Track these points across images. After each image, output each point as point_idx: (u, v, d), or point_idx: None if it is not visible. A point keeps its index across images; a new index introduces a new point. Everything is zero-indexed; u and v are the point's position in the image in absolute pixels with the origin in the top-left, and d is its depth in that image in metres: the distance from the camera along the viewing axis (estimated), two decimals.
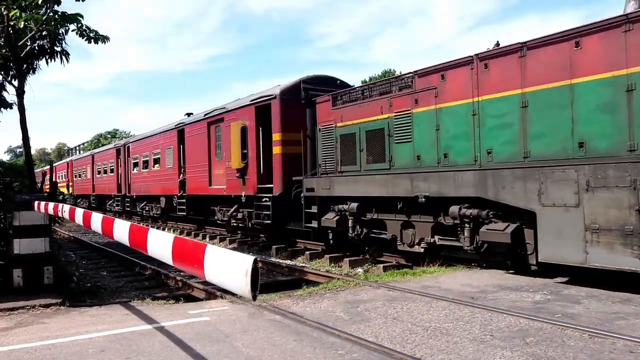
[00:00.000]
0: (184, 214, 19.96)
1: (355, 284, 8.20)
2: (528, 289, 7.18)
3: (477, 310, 6.07)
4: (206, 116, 18.10)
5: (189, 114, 21.18)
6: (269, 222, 14.24)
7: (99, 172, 32.89)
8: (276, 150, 14.08)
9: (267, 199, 14.23)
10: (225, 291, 6.96)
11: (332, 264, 11.85)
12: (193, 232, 19.96)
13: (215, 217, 17.66)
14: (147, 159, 24.18)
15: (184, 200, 19.83)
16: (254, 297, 2.60)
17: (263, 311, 6.50)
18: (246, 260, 2.60)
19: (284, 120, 13.90)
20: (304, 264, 12.17)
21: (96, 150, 36.33)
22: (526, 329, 5.30)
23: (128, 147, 27.06)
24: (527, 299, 6.63)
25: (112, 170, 29.89)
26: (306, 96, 13.17)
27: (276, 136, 14.09)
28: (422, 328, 5.48)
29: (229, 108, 16.63)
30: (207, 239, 17.80)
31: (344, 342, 5.12)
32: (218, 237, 17.71)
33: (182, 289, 9.76)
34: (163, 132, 22.55)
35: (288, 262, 12.47)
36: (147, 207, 24.99)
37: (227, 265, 2.76)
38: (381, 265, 10.57)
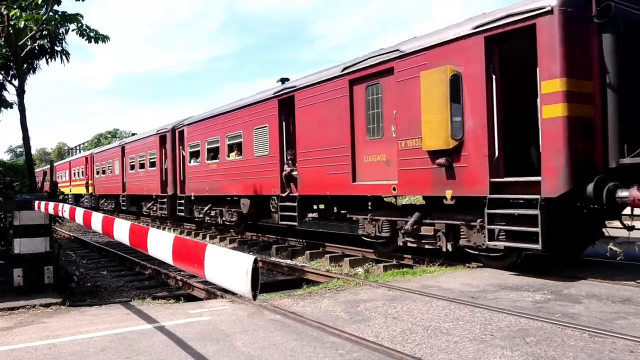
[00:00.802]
0: (294, 223, 13.32)
1: (356, 283, 8.20)
2: (528, 288, 7.18)
3: (477, 310, 6.07)
4: (347, 70, 11.29)
5: (283, 80, 15.01)
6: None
7: (133, 167, 25.54)
8: (553, 110, 7.46)
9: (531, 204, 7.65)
10: (226, 291, 6.98)
11: (332, 264, 11.85)
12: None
13: (402, 231, 10.19)
14: (216, 145, 17.28)
15: (295, 204, 13.22)
16: (255, 297, 2.60)
17: (263, 311, 6.50)
18: (246, 260, 2.60)
19: (568, 55, 7.38)
20: (304, 264, 12.17)
21: (128, 140, 28.73)
22: (526, 328, 5.30)
23: (181, 132, 20.10)
24: (528, 298, 6.63)
25: (152, 164, 22.91)
26: (604, 10, 7.44)
27: (553, 84, 7.45)
28: (422, 327, 5.48)
29: (407, 50, 9.74)
30: (207, 239, 17.79)
31: (344, 341, 5.12)
32: (218, 236, 17.71)
33: (182, 288, 9.76)
34: (249, 104, 15.29)
35: (288, 261, 12.47)
36: (212, 212, 18.28)
37: (228, 264, 2.76)
38: (381, 265, 10.56)
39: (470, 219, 8.68)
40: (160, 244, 3.65)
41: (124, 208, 27.87)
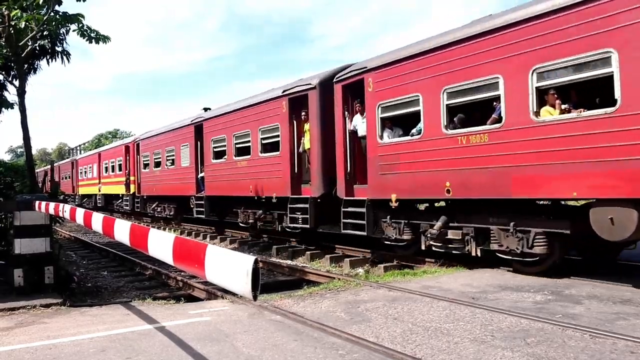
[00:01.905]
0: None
1: (356, 284, 8.19)
2: (529, 289, 7.18)
3: (477, 311, 6.07)
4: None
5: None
6: None
7: (220, 155, 16.87)
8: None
9: None
10: (226, 291, 6.98)
11: (333, 264, 11.84)
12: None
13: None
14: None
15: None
16: (255, 297, 2.60)
17: (264, 311, 6.50)
18: (247, 260, 2.60)
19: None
20: (304, 264, 12.16)
21: (207, 115, 18.00)
22: (527, 329, 5.30)
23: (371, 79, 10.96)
24: (528, 299, 6.62)
25: (273, 147, 14.14)
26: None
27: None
28: (422, 328, 5.48)
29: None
30: (208, 239, 17.79)
31: (344, 342, 5.12)
32: (218, 237, 17.71)
33: (182, 289, 9.76)
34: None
35: (288, 262, 12.46)
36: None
37: (228, 265, 2.76)
38: (382, 266, 10.55)
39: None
40: (161, 244, 3.65)
41: (201, 216, 18.08)
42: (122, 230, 4.53)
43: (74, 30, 9.93)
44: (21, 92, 10.30)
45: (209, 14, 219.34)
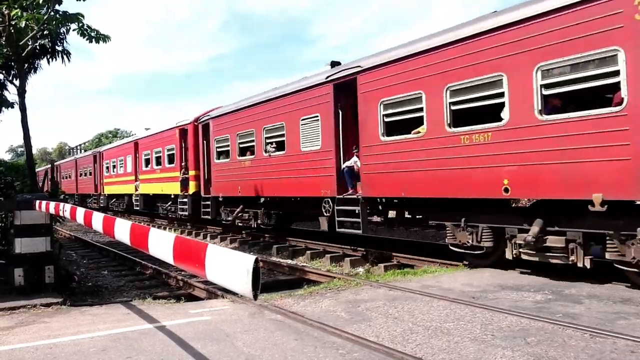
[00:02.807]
0: (357, 231, 11.16)
1: (356, 283, 8.20)
2: (529, 288, 7.18)
3: (478, 310, 6.07)
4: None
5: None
6: None
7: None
8: None
9: None
10: (227, 290, 6.98)
11: (333, 264, 11.85)
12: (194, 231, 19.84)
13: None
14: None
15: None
16: (255, 297, 2.60)
17: (264, 311, 6.50)
18: (247, 260, 2.59)
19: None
20: (304, 264, 12.17)
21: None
22: (527, 328, 5.30)
23: None
24: (528, 298, 6.62)
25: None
26: None
27: None
28: (423, 328, 5.48)
29: None
30: (208, 239, 17.79)
31: (345, 341, 5.12)
32: (219, 236, 17.71)
33: (183, 288, 9.76)
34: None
35: (289, 261, 12.47)
36: None
37: (229, 264, 2.76)
38: (382, 265, 10.56)
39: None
40: (161, 243, 3.65)
41: (357, 232, 11.47)
42: (123, 230, 4.53)
43: (74, 30, 9.94)
44: (21, 92, 10.30)
45: (209, 14, 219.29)
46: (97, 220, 5.45)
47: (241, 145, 15.67)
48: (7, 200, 8.92)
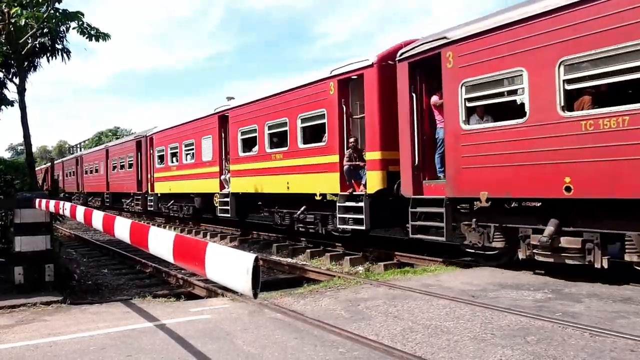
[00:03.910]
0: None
1: (356, 282, 8.20)
2: (529, 287, 7.18)
3: (477, 309, 6.07)
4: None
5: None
6: None
7: None
8: None
9: None
10: (226, 289, 6.98)
11: (333, 263, 11.84)
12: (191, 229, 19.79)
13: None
14: None
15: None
16: (255, 295, 2.60)
17: (264, 309, 6.50)
18: (247, 258, 2.59)
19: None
20: (304, 262, 12.17)
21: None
22: (527, 327, 5.30)
23: None
24: (528, 297, 6.62)
25: None
26: None
27: None
28: (422, 326, 5.48)
29: None
30: (208, 237, 17.79)
31: (344, 340, 5.12)
32: (219, 235, 17.71)
33: (183, 286, 9.77)
34: None
35: (289, 260, 12.47)
36: None
37: (229, 263, 2.76)
38: (382, 264, 10.56)
39: None
40: (161, 242, 3.64)
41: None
42: (123, 228, 4.53)
43: (73, 28, 9.94)
44: (21, 90, 10.30)
45: (209, 13, 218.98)
46: (97, 218, 5.44)
47: None
48: (7, 198, 8.92)
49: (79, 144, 60.07)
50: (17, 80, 10.53)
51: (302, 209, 13.37)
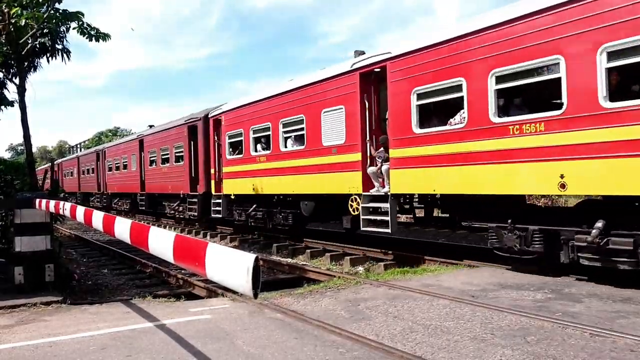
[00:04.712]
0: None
1: (356, 282, 8.20)
2: (529, 287, 7.18)
3: (477, 309, 6.07)
4: None
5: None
6: None
7: None
8: None
9: None
10: (227, 289, 6.98)
11: (333, 262, 11.85)
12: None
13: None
14: None
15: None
16: (255, 295, 2.60)
17: (264, 309, 6.51)
18: (247, 258, 2.59)
19: None
20: (304, 263, 12.17)
21: None
22: (527, 327, 5.30)
23: None
24: (528, 297, 6.63)
25: None
26: None
27: None
28: (423, 326, 5.48)
29: None
30: (208, 237, 17.79)
31: (344, 340, 5.12)
32: (219, 235, 17.71)
33: (183, 286, 9.77)
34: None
35: (289, 260, 12.48)
36: None
37: (229, 263, 2.76)
38: (382, 264, 10.56)
39: None
40: (161, 242, 3.64)
41: None
42: (123, 228, 4.53)
43: (74, 28, 9.94)
44: (21, 90, 10.31)
45: (209, 12, 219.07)
46: (97, 218, 5.45)
47: None
48: (7, 198, 8.92)
49: (79, 144, 60.04)
50: (17, 81, 10.54)
51: None
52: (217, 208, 16.80)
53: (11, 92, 12.18)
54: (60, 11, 9.64)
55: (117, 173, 27.89)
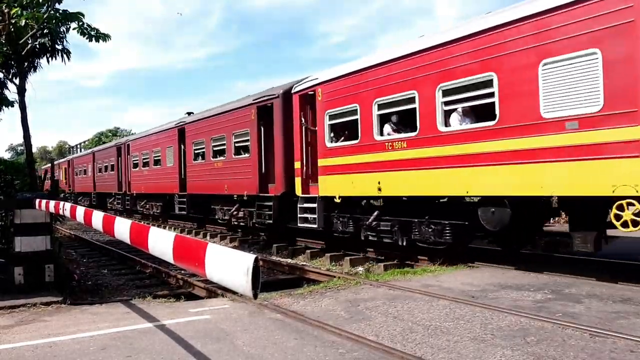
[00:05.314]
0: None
1: (356, 282, 8.20)
2: (529, 287, 7.18)
3: (477, 309, 6.07)
4: None
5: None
6: None
7: None
8: None
9: None
10: (227, 289, 6.98)
11: (333, 263, 11.84)
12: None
13: None
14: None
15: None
16: (255, 296, 2.60)
17: (264, 310, 6.50)
18: (247, 259, 2.59)
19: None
20: (304, 263, 12.17)
21: None
22: (527, 328, 5.30)
23: None
24: (528, 298, 6.62)
25: None
26: None
27: None
28: (422, 327, 5.48)
29: None
30: (208, 237, 17.79)
31: (344, 340, 5.12)
32: (219, 235, 17.71)
33: (183, 287, 9.77)
34: None
35: (289, 260, 12.47)
36: None
37: (228, 263, 2.76)
38: (382, 264, 10.55)
39: None
40: (161, 242, 3.64)
41: None
42: (123, 228, 4.53)
43: (74, 29, 9.94)
44: (21, 90, 10.31)
45: (210, 12, 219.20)
46: (97, 218, 5.45)
47: None
48: (7, 198, 8.93)
49: (79, 144, 59.95)
50: (17, 81, 10.54)
51: None
52: (308, 215, 12.22)
53: (11, 92, 12.18)
54: (60, 11, 9.65)
55: (146, 170, 23.05)
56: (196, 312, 6.46)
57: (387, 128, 10.31)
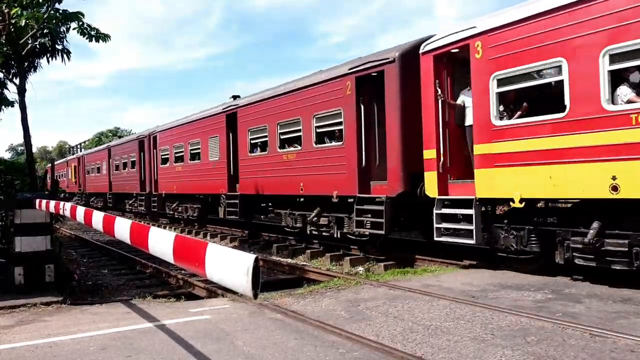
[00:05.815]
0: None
1: (356, 282, 8.20)
2: (529, 287, 7.18)
3: (478, 309, 6.07)
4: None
5: None
6: None
7: None
8: None
9: None
10: (227, 289, 6.98)
11: (333, 263, 11.84)
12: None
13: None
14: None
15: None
16: (255, 296, 2.60)
17: (264, 309, 6.50)
18: (247, 259, 2.59)
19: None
20: (304, 263, 12.17)
21: None
22: (527, 328, 5.30)
23: None
24: (528, 297, 6.62)
25: None
26: None
27: None
28: (423, 327, 5.48)
29: None
30: (208, 237, 17.80)
31: (344, 340, 5.12)
32: (219, 235, 17.72)
33: (183, 287, 9.77)
34: None
35: (289, 260, 12.47)
36: None
37: (229, 263, 2.76)
38: (382, 264, 10.55)
39: None
40: (161, 242, 3.65)
41: None
42: (123, 228, 4.53)
43: (74, 29, 9.94)
44: (21, 90, 10.31)
45: (210, 12, 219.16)
46: (97, 219, 5.45)
47: None
48: (8, 198, 8.93)
49: (79, 144, 59.89)
50: (17, 81, 10.54)
51: None
52: (453, 225, 8.83)
53: (11, 92, 12.18)
54: (60, 11, 9.65)
55: (179, 166, 19.38)
56: (196, 312, 6.46)
57: (624, 91, 6.71)
